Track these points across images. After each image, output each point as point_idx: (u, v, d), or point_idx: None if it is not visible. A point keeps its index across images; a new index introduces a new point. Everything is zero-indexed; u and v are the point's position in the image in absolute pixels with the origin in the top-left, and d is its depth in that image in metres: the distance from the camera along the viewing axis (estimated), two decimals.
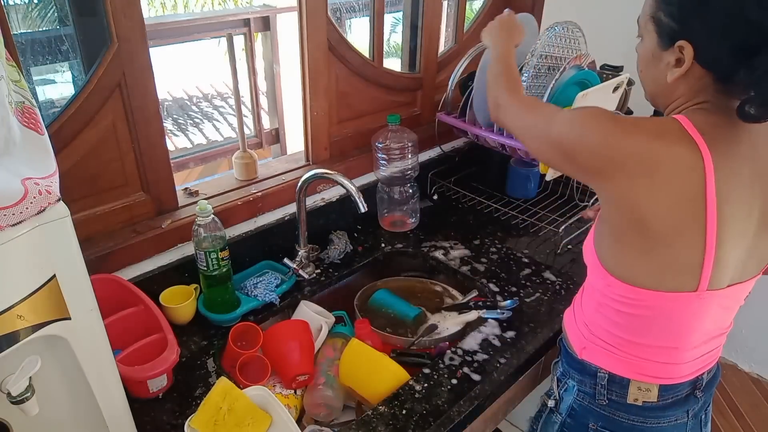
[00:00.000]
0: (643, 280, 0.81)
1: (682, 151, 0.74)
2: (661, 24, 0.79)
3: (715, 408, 2.16)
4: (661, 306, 0.82)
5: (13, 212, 0.57)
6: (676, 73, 0.78)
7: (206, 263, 1.11)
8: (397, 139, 1.46)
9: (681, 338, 0.86)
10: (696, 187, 0.74)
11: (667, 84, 0.81)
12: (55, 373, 0.71)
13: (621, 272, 0.83)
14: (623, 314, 0.86)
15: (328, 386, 1.05)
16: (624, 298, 0.84)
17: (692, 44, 0.75)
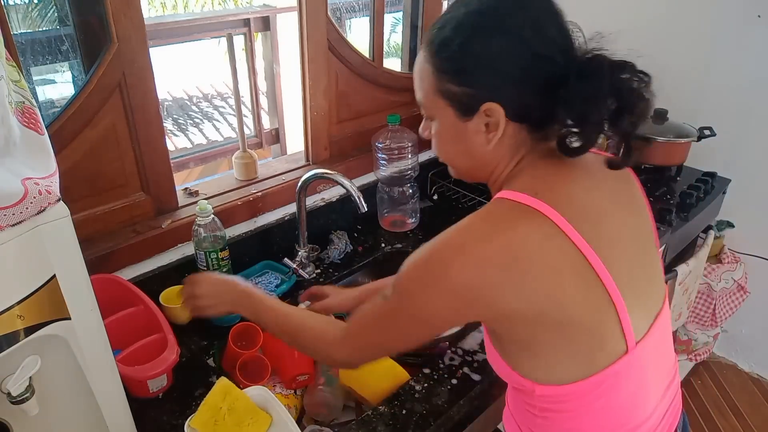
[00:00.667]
0: (576, 374, 0.71)
1: (526, 227, 0.66)
2: (454, 95, 0.71)
3: (715, 408, 2.16)
4: (604, 388, 0.72)
5: (13, 212, 0.57)
6: (493, 138, 0.71)
7: (206, 263, 1.11)
8: (397, 139, 1.46)
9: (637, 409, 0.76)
10: (568, 251, 0.66)
11: (484, 153, 0.73)
12: (55, 373, 0.71)
13: (549, 378, 0.72)
14: (571, 418, 0.75)
15: (328, 386, 1.05)
16: (564, 402, 0.74)
17: (498, 102, 0.68)
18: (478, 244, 0.66)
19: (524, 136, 0.72)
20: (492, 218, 0.69)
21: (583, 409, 0.74)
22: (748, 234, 2.06)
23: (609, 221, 0.72)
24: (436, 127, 0.77)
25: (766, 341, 2.24)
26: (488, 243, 0.66)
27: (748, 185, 1.95)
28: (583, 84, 0.65)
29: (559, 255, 0.66)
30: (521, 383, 0.75)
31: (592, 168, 0.75)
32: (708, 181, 1.76)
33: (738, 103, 1.91)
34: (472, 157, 0.76)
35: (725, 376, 2.31)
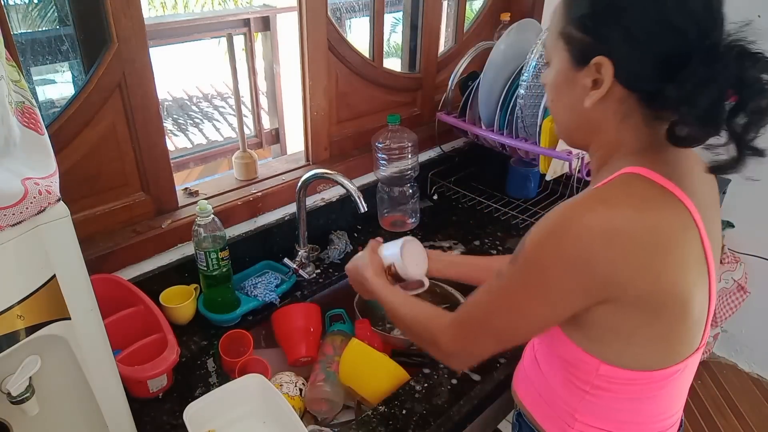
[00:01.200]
0: (653, 362, 0.69)
1: (669, 215, 0.64)
2: (573, 40, 0.67)
3: (715, 408, 2.16)
4: (670, 378, 0.71)
5: (13, 212, 0.57)
6: (594, 95, 0.67)
7: (206, 263, 1.11)
8: (397, 139, 1.46)
9: (681, 399, 0.78)
10: (696, 246, 0.65)
11: (585, 112, 0.69)
12: (55, 373, 0.71)
13: (625, 361, 0.70)
14: (624, 400, 0.74)
15: (329, 383, 1.05)
16: (626, 385, 0.72)
17: (611, 59, 0.64)
18: (627, 218, 0.62)
19: (632, 107, 0.67)
20: (636, 195, 0.64)
21: (640, 394, 0.73)
22: (748, 234, 2.06)
23: (713, 220, 0.71)
24: (550, 72, 0.73)
25: (766, 341, 2.24)
26: (636, 221, 0.62)
27: (748, 185, 1.95)
28: (704, 66, 0.59)
29: (692, 248, 0.65)
30: (581, 358, 0.72)
31: (697, 166, 0.73)
32: None
33: None
34: (572, 112, 0.72)
35: (725, 376, 2.31)
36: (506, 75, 1.44)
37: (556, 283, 0.65)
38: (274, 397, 0.94)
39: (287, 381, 1.06)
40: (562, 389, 0.78)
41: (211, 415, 0.92)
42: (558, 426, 0.80)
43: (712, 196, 0.75)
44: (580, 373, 0.74)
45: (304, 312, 1.21)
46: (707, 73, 0.59)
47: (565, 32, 0.68)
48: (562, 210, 0.65)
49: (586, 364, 0.72)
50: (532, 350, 0.87)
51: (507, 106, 1.44)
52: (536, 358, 0.84)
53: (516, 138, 1.43)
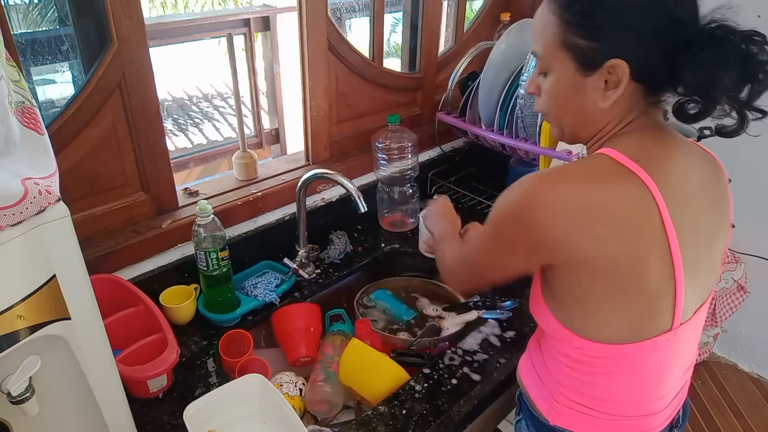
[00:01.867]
0: (620, 336, 0.73)
1: (622, 186, 0.68)
2: (579, 49, 0.70)
3: (715, 408, 2.16)
4: (640, 356, 0.75)
5: (13, 212, 0.57)
6: (612, 95, 0.71)
7: (206, 263, 1.11)
8: (397, 139, 1.46)
9: (660, 384, 0.80)
10: (654, 220, 0.68)
11: (597, 111, 0.74)
12: (55, 373, 0.71)
13: (593, 333, 0.75)
14: (600, 374, 0.78)
15: (329, 383, 1.05)
16: (599, 359, 0.76)
17: (625, 60, 0.68)
18: (570, 189, 0.68)
19: (639, 99, 0.72)
20: (592, 170, 0.71)
21: (614, 369, 0.77)
22: (748, 234, 2.06)
23: (693, 206, 0.73)
24: (550, 81, 0.76)
25: (766, 341, 2.24)
26: (580, 190, 0.68)
27: (748, 185, 1.95)
28: (714, 50, 0.65)
29: (646, 221, 0.68)
30: (560, 331, 0.77)
31: (691, 153, 0.76)
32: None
33: None
34: (582, 114, 0.76)
35: (725, 376, 2.31)
36: (506, 75, 1.44)
37: (511, 238, 0.74)
38: (274, 397, 0.94)
39: (287, 381, 1.06)
40: (550, 364, 0.84)
41: (211, 415, 0.92)
42: (546, 401, 0.86)
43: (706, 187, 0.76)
44: (562, 346, 0.80)
45: (304, 312, 1.21)
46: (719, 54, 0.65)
47: (568, 42, 0.71)
48: (524, 179, 0.72)
49: (564, 337, 0.77)
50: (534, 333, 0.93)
51: (507, 106, 1.44)
52: (537, 338, 0.89)
53: (516, 138, 1.43)
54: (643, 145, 0.72)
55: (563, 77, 0.74)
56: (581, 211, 0.67)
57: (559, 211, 0.68)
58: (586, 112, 0.75)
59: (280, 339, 1.20)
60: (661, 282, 0.71)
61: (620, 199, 0.68)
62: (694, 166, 0.76)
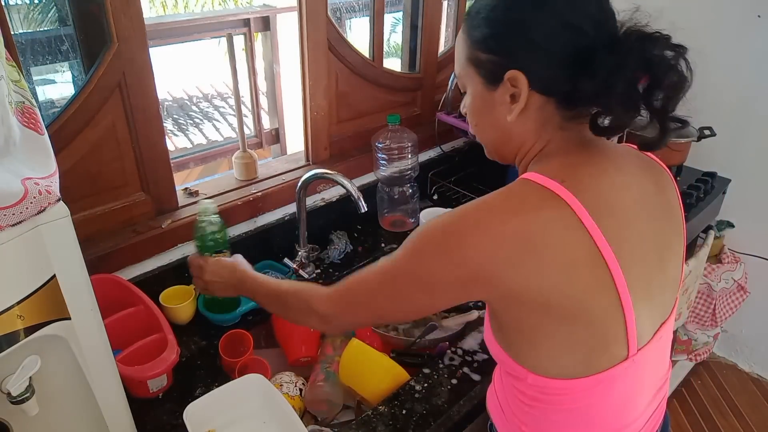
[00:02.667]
0: (573, 370, 0.69)
1: (548, 213, 0.64)
2: (481, 63, 0.70)
3: (715, 408, 2.16)
4: (599, 389, 0.71)
5: (13, 212, 0.57)
6: (515, 108, 0.69)
7: None
8: (397, 139, 1.46)
9: (626, 413, 0.75)
10: (585, 245, 0.64)
11: (509, 126, 0.72)
12: (55, 373, 0.71)
13: (544, 369, 0.71)
14: (559, 411, 0.74)
15: (329, 383, 1.05)
16: (555, 395, 0.72)
17: (522, 71, 0.67)
18: (496, 221, 0.65)
19: (551, 112, 0.70)
20: (515, 198, 0.67)
21: (573, 405, 0.73)
22: (748, 234, 2.06)
23: (634, 223, 0.69)
24: (467, 98, 0.76)
25: (766, 341, 2.24)
26: (507, 222, 0.64)
27: (748, 185, 1.95)
28: (610, 55, 0.63)
29: (576, 248, 0.64)
30: (514, 368, 0.74)
31: (627, 166, 0.73)
32: (708, 181, 1.76)
33: (738, 103, 1.91)
34: (497, 130, 0.74)
35: (725, 376, 2.31)
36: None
37: (434, 275, 0.68)
38: (274, 397, 0.94)
39: (287, 381, 1.06)
40: (511, 402, 0.80)
41: (211, 415, 0.92)
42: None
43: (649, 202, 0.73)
44: (519, 384, 0.76)
45: None
46: (616, 60, 0.62)
47: (473, 58, 0.71)
48: (448, 212, 0.69)
49: (519, 375, 0.74)
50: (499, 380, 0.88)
51: None
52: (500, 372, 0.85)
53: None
54: (569, 165, 0.69)
55: (475, 93, 0.74)
56: (508, 243, 0.63)
57: (486, 244, 0.64)
58: (499, 128, 0.74)
59: (280, 339, 1.20)
60: (606, 311, 0.66)
61: (546, 226, 0.64)
62: (631, 179, 0.72)
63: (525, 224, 0.64)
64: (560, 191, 0.65)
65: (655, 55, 0.63)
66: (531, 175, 0.68)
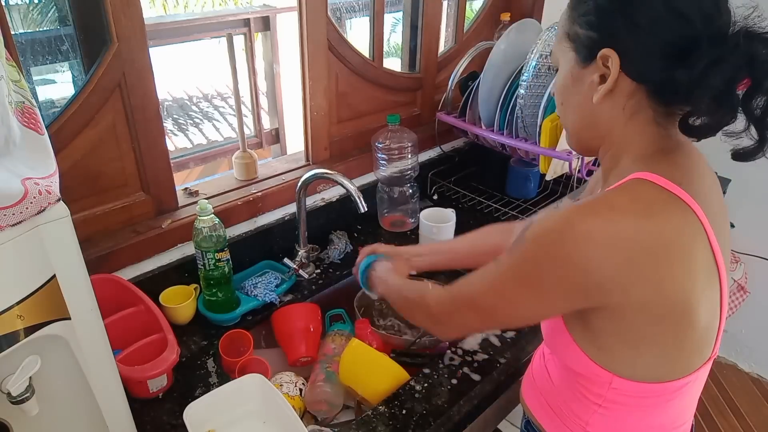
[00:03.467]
0: (668, 374, 0.68)
1: (677, 220, 0.62)
2: (578, 38, 0.67)
3: (715, 408, 2.16)
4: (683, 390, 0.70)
5: (13, 212, 0.57)
6: (602, 89, 0.66)
7: (204, 263, 1.11)
8: (397, 139, 1.46)
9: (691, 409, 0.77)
10: (707, 251, 0.63)
11: (594, 109, 0.68)
12: (55, 373, 0.71)
13: (638, 374, 0.69)
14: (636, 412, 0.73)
15: (329, 383, 1.05)
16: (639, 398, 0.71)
17: (617, 51, 0.63)
18: (630, 224, 0.60)
19: (642, 103, 0.66)
20: (642, 200, 0.62)
21: (652, 407, 0.72)
22: (748, 234, 2.06)
23: (723, 228, 0.69)
24: (558, 76, 0.73)
25: (766, 341, 2.24)
26: (640, 228, 0.60)
27: (748, 185, 1.95)
28: (713, 48, 0.59)
29: (701, 254, 0.63)
30: (593, 371, 0.71)
31: (709, 170, 0.72)
32: None
33: None
34: (582, 112, 0.71)
35: (725, 376, 2.31)
36: (506, 75, 1.44)
37: (548, 280, 0.65)
38: (274, 397, 0.94)
39: (287, 381, 1.06)
40: (574, 402, 0.77)
41: (211, 415, 0.92)
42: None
43: (719, 201, 0.72)
44: (593, 386, 0.73)
45: (304, 312, 1.21)
46: (716, 54, 0.58)
47: (571, 32, 0.68)
48: (566, 211, 0.64)
49: (599, 378, 0.71)
50: (542, 360, 0.87)
51: (507, 106, 1.44)
52: (547, 368, 0.83)
53: (516, 138, 1.43)
54: (679, 166, 0.66)
55: (566, 69, 0.71)
56: (641, 250, 0.60)
57: (617, 250, 0.60)
58: (585, 110, 0.70)
59: (280, 339, 1.20)
60: (713, 316, 0.67)
61: (679, 233, 0.61)
62: (713, 183, 0.72)
63: (659, 229, 0.61)
64: (683, 195, 0.62)
65: (761, 56, 0.58)
66: (645, 174, 0.64)
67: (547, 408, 0.82)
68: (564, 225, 0.63)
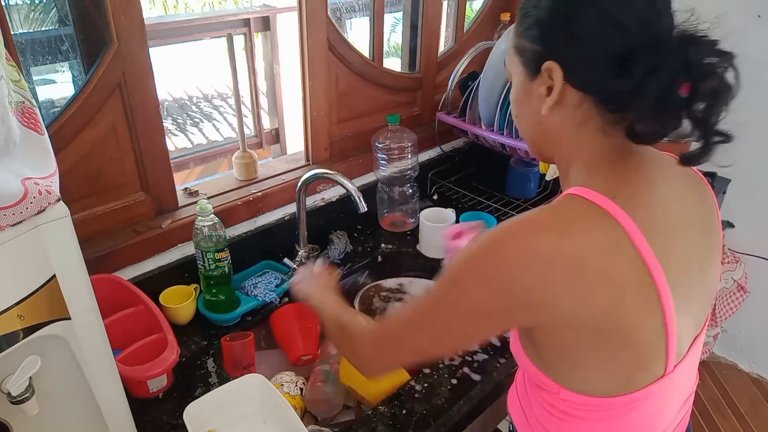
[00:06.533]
0: (610, 389, 0.68)
1: (600, 235, 0.61)
2: (525, 51, 0.68)
3: (715, 408, 2.16)
4: (633, 405, 0.69)
5: (13, 212, 0.57)
6: (549, 101, 0.67)
7: (204, 263, 1.11)
8: (397, 139, 1.46)
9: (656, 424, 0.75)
10: (636, 266, 0.62)
11: (544, 120, 0.69)
12: (55, 373, 0.71)
13: (581, 387, 0.69)
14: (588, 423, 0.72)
15: (329, 383, 1.05)
16: (589, 411, 0.71)
17: (559, 63, 0.64)
18: (547, 243, 0.61)
19: (590, 112, 0.66)
20: (565, 217, 0.63)
21: (604, 419, 0.71)
22: (748, 234, 2.06)
23: (680, 236, 0.67)
24: (512, 90, 0.74)
25: (766, 341, 2.24)
26: (559, 244, 0.61)
27: (748, 185, 1.95)
28: (650, 56, 0.59)
29: (628, 269, 0.62)
30: (544, 382, 0.72)
31: (672, 176, 0.71)
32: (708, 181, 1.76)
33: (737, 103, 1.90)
34: (535, 123, 0.72)
35: (725, 376, 2.31)
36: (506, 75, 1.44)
37: (478, 304, 0.65)
38: (274, 397, 0.94)
39: (287, 381, 1.06)
40: (537, 411, 0.78)
41: (211, 415, 0.93)
42: None
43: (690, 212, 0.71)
44: (547, 396, 0.74)
45: (302, 311, 1.21)
46: (652, 61, 0.59)
47: (518, 46, 0.70)
48: (489, 234, 0.65)
49: (549, 387, 0.72)
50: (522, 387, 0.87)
51: (507, 106, 1.44)
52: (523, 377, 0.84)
53: (516, 138, 1.43)
54: (618, 177, 0.66)
55: (517, 83, 0.73)
56: (560, 267, 0.60)
57: (537, 268, 0.60)
58: (537, 121, 0.71)
59: (280, 339, 1.20)
60: (652, 332, 0.65)
61: (599, 250, 0.61)
62: (677, 192, 0.70)
63: (577, 247, 0.61)
64: (612, 209, 0.62)
65: (695, 59, 0.58)
66: (579, 190, 0.65)
67: (521, 412, 0.83)
68: (486, 248, 0.64)
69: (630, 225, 0.62)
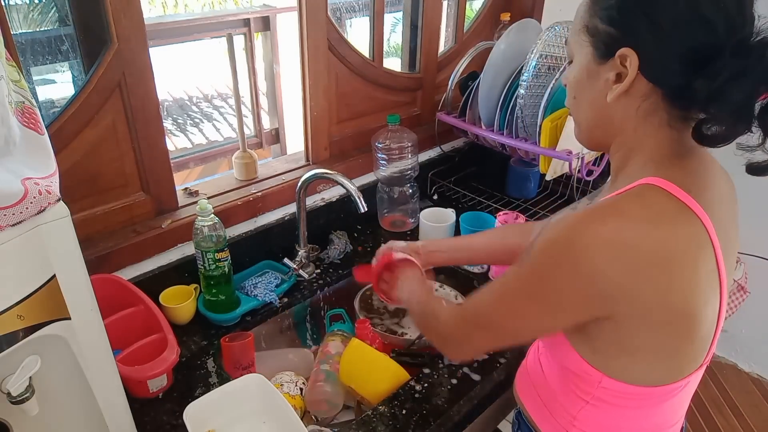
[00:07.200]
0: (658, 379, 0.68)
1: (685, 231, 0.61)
2: (598, 32, 0.65)
3: (715, 408, 2.16)
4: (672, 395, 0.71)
5: (13, 212, 0.57)
6: (617, 89, 0.65)
7: (204, 263, 1.11)
8: (396, 139, 1.46)
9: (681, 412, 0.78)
10: (711, 262, 0.63)
11: (607, 108, 0.67)
12: (55, 373, 0.71)
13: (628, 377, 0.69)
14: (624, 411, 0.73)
15: (329, 383, 1.05)
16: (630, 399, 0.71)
17: (636, 51, 0.62)
18: (632, 234, 0.60)
19: (657, 105, 0.65)
20: (651, 208, 0.62)
21: (641, 408, 0.72)
22: (748, 234, 2.05)
23: (730, 237, 0.68)
24: (572, 68, 0.71)
25: (766, 341, 2.24)
26: (647, 236, 0.60)
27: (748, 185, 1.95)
28: (735, 60, 0.57)
29: (705, 266, 0.63)
30: (587, 371, 0.71)
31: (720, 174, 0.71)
32: None
33: None
34: (594, 109, 0.70)
35: (725, 376, 2.31)
36: (506, 75, 1.44)
37: (558, 292, 0.64)
38: (274, 397, 0.94)
39: (287, 381, 1.06)
40: (563, 396, 0.78)
41: (211, 415, 0.92)
42: (556, 430, 0.80)
43: (731, 210, 0.72)
44: (583, 383, 0.73)
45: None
46: (739, 67, 0.57)
47: (590, 25, 0.67)
48: (574, 219, 0.63)
49: (589, 376, 0.71)
50: (536, 353, 0.87)
51: (507, 106, 1.44)
52: (540, 361, 0.83)
53: (516, 138, 1.43)
54: (690, 172, 0.65)
55: (582, 64, 0.69)
56: (647, 258, 0.60)
57: (623, 258, 0.60)
58: (597, 107, 0.69)
59: None
60: (711, 324, 0.66)
61: (684, 244, 0.61)
62: (724, 190, 0.71)
63: (664, 240, 0.60)
64: (692, 205, 0.62)
65: None
66: (658, 180, 0.63)
67: (538, 400, 0.82)
68: (571, 233, 0.62)
69: (708, 222, 0.62)
